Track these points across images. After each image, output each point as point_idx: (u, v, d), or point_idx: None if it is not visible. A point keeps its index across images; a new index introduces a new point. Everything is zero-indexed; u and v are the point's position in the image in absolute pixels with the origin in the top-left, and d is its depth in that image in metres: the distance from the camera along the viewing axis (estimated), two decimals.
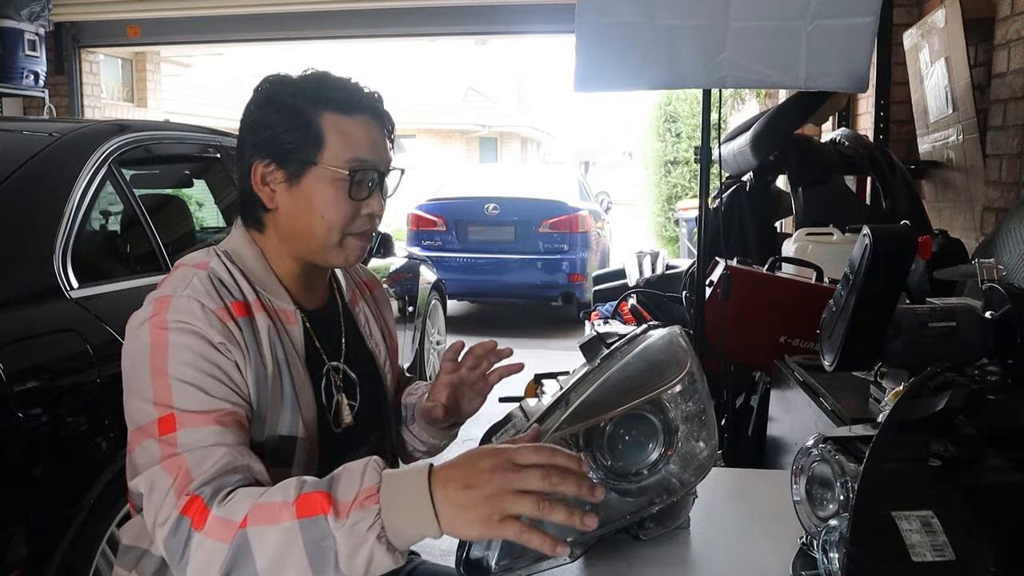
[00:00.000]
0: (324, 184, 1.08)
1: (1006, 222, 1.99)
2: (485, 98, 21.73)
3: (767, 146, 3.35)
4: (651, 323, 1.13)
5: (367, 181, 1.10)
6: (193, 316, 1.00)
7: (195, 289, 1.03)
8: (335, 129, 1.08)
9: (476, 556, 0.94)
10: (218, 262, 1.09)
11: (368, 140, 1.10)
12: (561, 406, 0.99)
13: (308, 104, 1.08)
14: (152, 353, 0.99)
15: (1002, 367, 1.16)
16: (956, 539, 0.80)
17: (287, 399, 1.06)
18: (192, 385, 0.97)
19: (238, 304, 1.05)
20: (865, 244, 1.21)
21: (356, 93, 1.11)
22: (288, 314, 1.12)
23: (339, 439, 1.15)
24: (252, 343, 1.04)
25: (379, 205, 1.12)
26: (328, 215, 1.09)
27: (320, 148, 1.08)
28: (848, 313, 1.23)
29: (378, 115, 1.13)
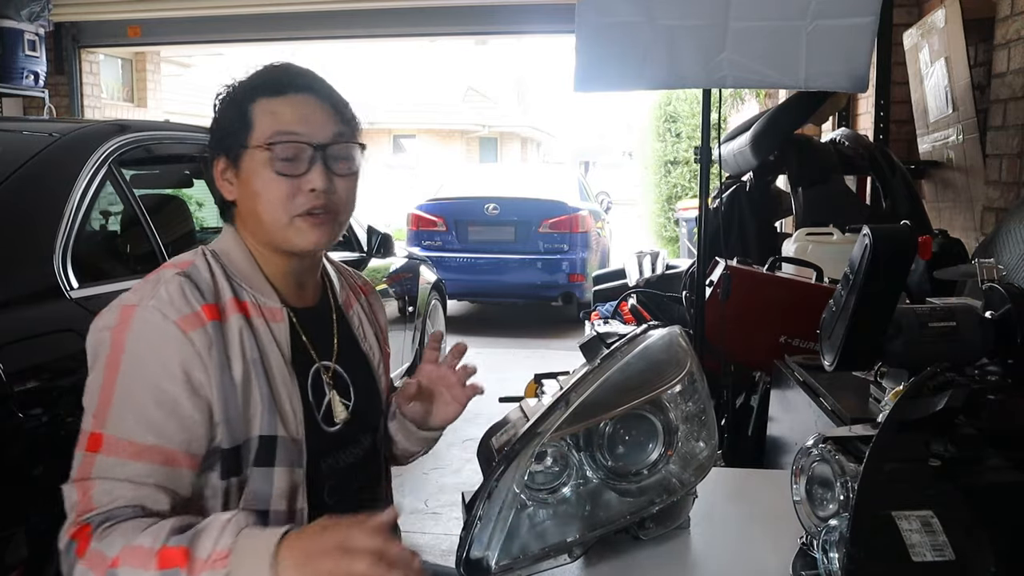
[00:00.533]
0: (257, 166, 1.09)
1: (1006, 222, 1.99)
2: (485, 98, 21.73)
3: (767, 146, 3.35)
4: (651, 323, 1.13)
5: (302, 157, 1.08)
6: (153, 335, 1.00)
7: (160, 300, 1.02)
8: (263, 111, 1.09)
9: (476, 556, 0.94)
10: (203, 261, 1.10)
11: (297, 115, 1.09)
12: (561, 406, 0.99)
13: (244, 94, 1.11)
14: (107, 364, 1.00)
15: (1002, 367, 1.16)
16: (956, 539, 0.80)
17: (262, 399, 1.06)
18: (132, 411, 0.98)
19: (209, 308, 1.05)
20: (865, 244, 1.21)
21: (285, 74, 1.12)
22: (274, 311, 1.12)
23: (332, 438, 1.15)
24: (218, 349, 1.03)
25: (321, 180, 1.08)
26: (264, 195, 1.09)
27: (250, 131, 1.09)
28: (848, 313, 1.23)
29: (311, 91, 1.12)
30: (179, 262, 1.10)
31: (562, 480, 1.01)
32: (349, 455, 1.19)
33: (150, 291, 1.04)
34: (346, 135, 1.13)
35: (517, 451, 0.96)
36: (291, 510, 1.08)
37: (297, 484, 1.09)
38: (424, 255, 5.66)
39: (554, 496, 1.01)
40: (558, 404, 0.99)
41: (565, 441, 1.00)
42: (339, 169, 1.12)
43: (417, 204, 7.47)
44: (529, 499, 0.99)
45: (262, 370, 1.07)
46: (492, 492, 0.95)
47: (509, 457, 0.96)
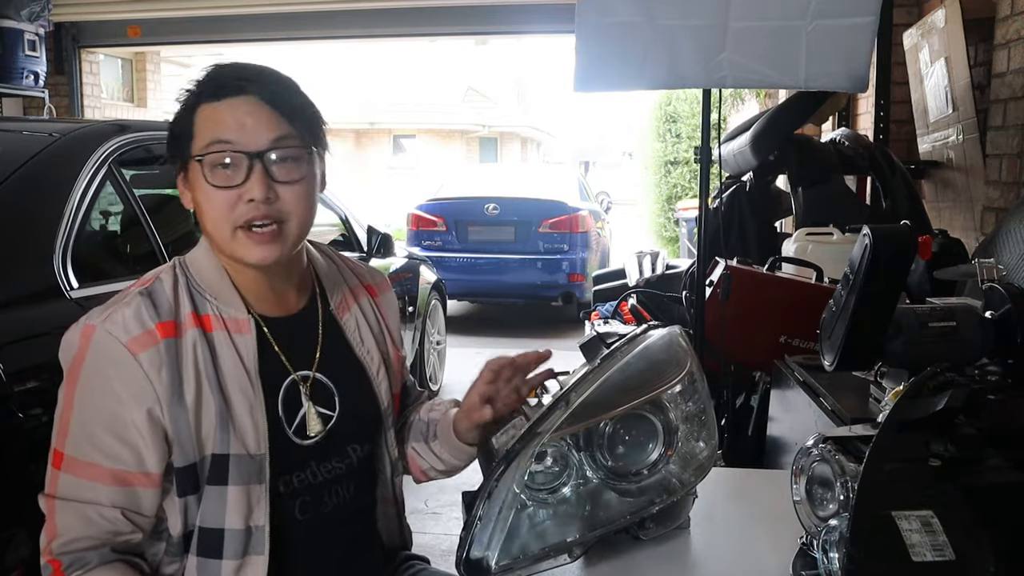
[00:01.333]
0: (197, 176, 1.04)
1: (1006, 222, 1.99)
2: (485, 98, 21.73)
3: (767, 146, 3.35)
4: (651, 323, 1.13)
5: (239, 165, 1.02)
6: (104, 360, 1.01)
7: (115, 323, 1.02)
8: (204, 117, 1.05)
9: (476, 556, 0.94)
10: (169, 275, 1.08)
11: (233, 121, 1.03)
12: (561, 406, 0.99)
13: (191, 99, 1.07)
14: (66, 384, 1.03)
15: (1002, 367, 1.16)
16: (956, 539, 0.80)
17: (215, 418, 1.03)
18: (87, 434, 1.00)
19: (164, 325, 1.03)
20: (865, 244, 1.21)
21: (225, 76, 1.06)
22: (239, 323, 1.08)
23: (307, 451, 1.11)
24: (170, 369, 1.01)
25: (260, 189, 1.02)
26: (205, 208, 1.05)
27: (192, 140, 1.05)
28: (848, 313, 1.23)
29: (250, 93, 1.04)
30: (148, 277, 1.09)
31: (562, 480, 1.01)
32: (330, 469, 1.14)
33: (109, 312, 1.03)
34: (291, 138, 1.05)
35: (517, 451, 0.96)
36: (247, 527, 1.05)
37: (254, 502, 1.05)
38: (424, 255, 5.66)
39: (554, 496, 1.01)
40: (558, 404, 0.99)
41: (565, 441, 1.00)
42: (283, 175, 1.05)
43: (417, 204, 7.47)
44: (529, 499, 0.99)
45: (217, 386, 1.04)
46: (492, 492, 0.95)
47: (509, 457, 0.96)
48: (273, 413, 1.08)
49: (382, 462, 1.23)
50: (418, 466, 1.28)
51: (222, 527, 1.04)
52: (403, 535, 1.30)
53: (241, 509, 1.04)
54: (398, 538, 1.29)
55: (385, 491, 1.24)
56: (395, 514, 1.27)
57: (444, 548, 2.81)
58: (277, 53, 11.35)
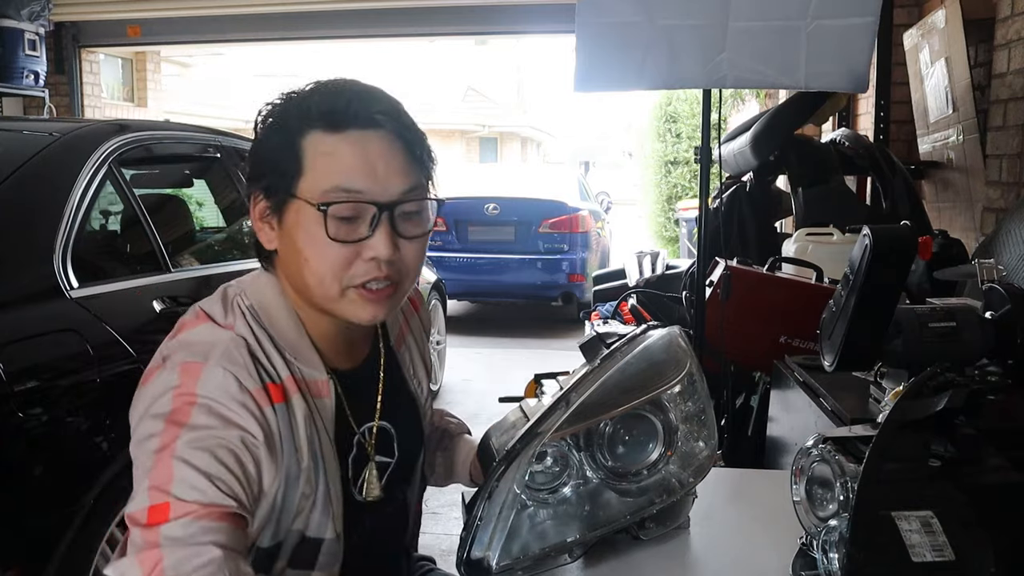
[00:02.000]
0: (306, 222, 0.88)
1: (1006, 222, 1.99)
2: (485, 98, 21.73)
3: (767, 146, 3.35)
4: (651, 323, 1.13)
5: (363, 217, 0.88)
6: (227, 396, 0.84)
7: (232, 360, 0.86)
8: (317, 151, 0.88)
9: (477, 556, 0.94)
10: (244, 324, 0.91)
11: (359, 164, 0.87)
12: (561, 406, 0.99)
13: (295, 121, 0.89)
14: (166, 425, 0.82)
15: (1002, 367, 1.16)
16: (956, 539, 0.80)
17: (320, 498, 0.91)
18: (200, 472, 0.80)
19: (275, 387, 0.88)
20: (865, 244, 1.21)
21: (348, 100, 0.88)
22: (320, 385, 0.94)
23: (368, 505, 1.01)
24: (288, 435, 0.87)
25: (386, 248, 0.87)
26: (313, 261, 0.88)
27: (299, 175, 0.88)
28: (848, 313, 1.23)
29: (381, 126, 0.89)
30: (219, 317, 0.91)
31: (562, 480, 1.01)
32: (383, 516, 1.05)
33: (215, 348, 0.87)
34: (420, 188, 0.91)
35: (517, 451, 0.96)
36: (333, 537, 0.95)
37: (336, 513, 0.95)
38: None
39: (554, 496, 1.01)
40: (558, 404, 0.99)
41: (565, 441, 1.00)
42: (409, 231, 0.90)
43: None
44: (529, 499, 0.99)
45: (322, 462, 0.91)
46: (492, 492, 0.95)
47: (509, 457, 0.96)
48: (343, 475, 0.97)
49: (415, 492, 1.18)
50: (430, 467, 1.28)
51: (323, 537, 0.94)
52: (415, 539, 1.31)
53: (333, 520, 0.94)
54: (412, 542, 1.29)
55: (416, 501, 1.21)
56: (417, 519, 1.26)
57: (444, 548, 2.81)
58: (277, 53, 11.39)
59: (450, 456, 1.24)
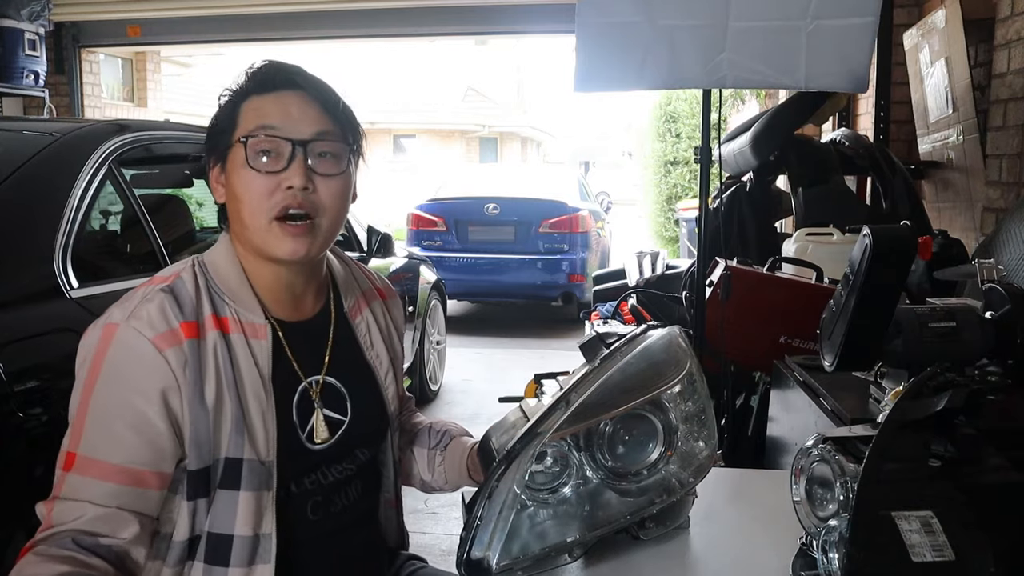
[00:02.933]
0: (237, 163, 1.06)
1: (1006, 222, 1.99)
2: (485, 98, 21.74)
3: (767, 146, 3.35)
4: (651, 323, 1.13)
5: (281, 152, 1.04)
6: (129, 355, 0.99)
7: (139, 319, 1.00)
8: (250, 108, 1.07)
9: (477, 556, 0.94)
10: (190, 274, 1.07)
11: (280, 111, 1.05)
12: (561, 406, 0.99)
13: (236, 94, 1.09)
14: (84, 384, 1.00)
15: (1002, 367, 1.16)
16: (956, 539, 0.80)
17: (231, 421, 1.02)
18: (104, 431, 0.97)
19: (188, 325, 1.02)
20: (865, 244, 1.21)
21: (274, 71, 1.09)
22: (256, 327, 1.08)
23: (319, 455, 1.11)
24: (193, 369, 1.01)
25: (300, 178, 1.03)
26: (242, 193, 1.05)
27: (235, 129, 1.07)
28: (848, 313, 1.23)
29: (299, 87, 1.08)
30: (166, 275, 1.08)
31: (562, 480, 1.01)
32: (340, 470, 1.14)
33: (132, 308, 1.02)
34: (333, 134, 1.08)
35: (517, 451, 0.96)
36: (255, 535, 1.04)
37: (263, 508, 1.05)
38: (424, 255, 5.67)
39: (554, 496, 1.01)
40: (558, 404, 0.99)
41: (565, 441, 1.00)
42: (322, 168, 1.07)
43: (417, 204, 7.47)
44: (529, 499, 0.99)
45: (235, 390, 1.04)
46: (492, 492, 0.95)
47: (509, 457, 0.96)
48: (287, 419, 1.08)
49: (386, 466, 1.25)
50: (407, 469, 1.32)
51: (231, 533, 1.03)
52: (402, 536, 1.32)
53: (250, 515, 1.03)
54: (397, 539, 1.30)
55: (388, 494, 1.26)
56: (395, 515, 1.29)
57: (444, 548, 2.81)
58: (277, 53, 11.38)
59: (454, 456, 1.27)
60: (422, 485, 1.33)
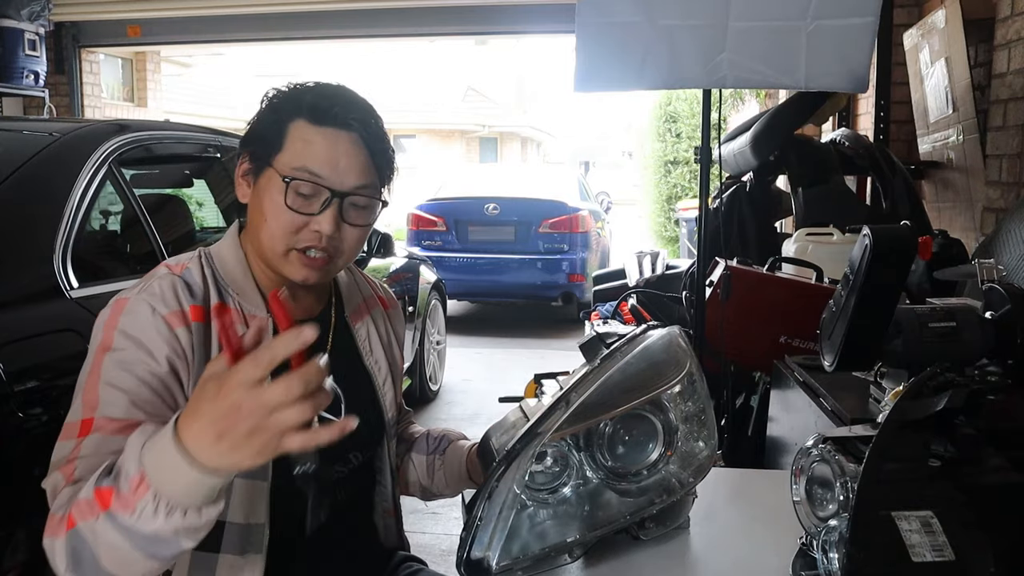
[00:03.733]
0: (272, 188, 1.06)
1: (1006, 222, 2.00)
2: (485, 98, 21.74)
3: (767, 146, 3.35)
4: (651, 323, 1.13)
5: (318, 197, 1.05)
6: (140, 321, 1.00)
7: (152, 294, 1.02)
8: (299, 136, 1.06)
9: (477, 556, 0.94)
10: (196, 264, 1.09)
11: (326, 155, 1.05)
12: (561, 406, 0.99)
13: (287, 106, 1.08)
14: (96, 354, 1.00)
15: (1002, 367, 1.16)
16: (956, 539, 0.80)
17: None
18: (121, 390, 0.96)
19: (196, 308, 1.04)
20: (865, 244, 1.21)
21: (333, 103, 1.07)
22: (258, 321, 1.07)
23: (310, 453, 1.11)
24: (200, 349, 1.02)
25: (330, 226, 1.05)
26: (269, 220, 1.06)
27: (279, 151, 1.06)
28: (848, 313, 1.23)
29: (353, 130, 1.07)
30: (176, 263, 1.10)
31: (562, 480, 1.01)
32: (331, 472, 1.14)
33: (144, 286, 1.04)
34: (372, 188, 1.09)
35: (517, 451, 0.96)
36: (247, 524, 1.04)
37: (256, 498, 1.05)
38: (424, 255, 5.67)
39: (554, 496, 1.01)
40: (558, 404, 0.99)
41: (565, 441, 1.00)
42: (352, 218, 1.09)
43: (417, 204, 7.47)
44: (529, 499, 0.99)
45: None
46: (492, 492, 0.95)
47: (509, 457, 0.96)
48: None
49: (383, 473, 1.25)
50: (406, 477, 1.32)
51: (224, 519, 1.03)
52: (401, 543, 1.32)
53: (244, 503, 1.04)
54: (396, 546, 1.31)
55: (385, 501, 1.26)
56: (394, 523, 1.29)
57: (444, 548, 2.81)
58: (277, 53, 11.39)
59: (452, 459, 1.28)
60: (422, 492, 1.33)
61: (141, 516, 0.79)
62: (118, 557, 0.82)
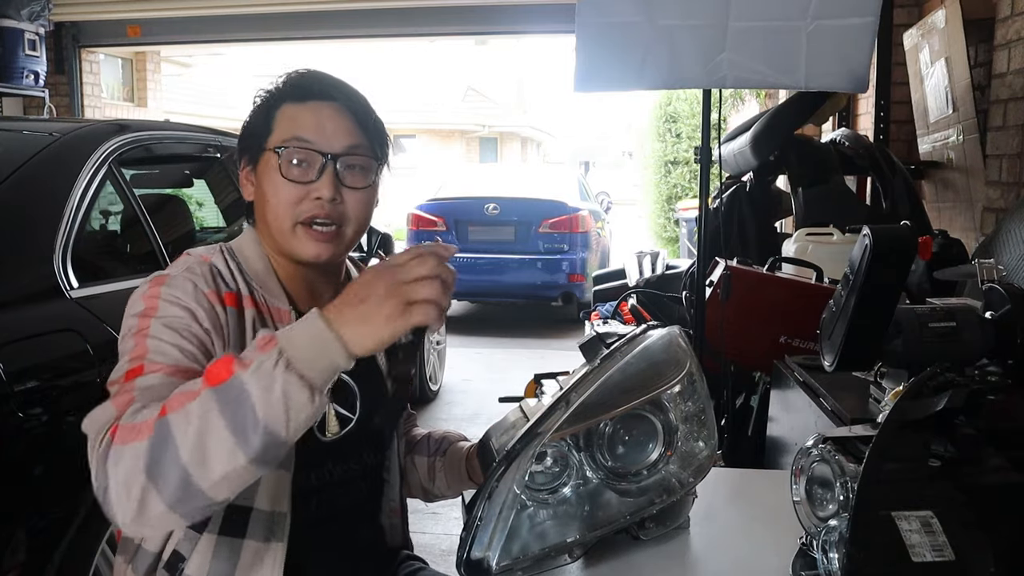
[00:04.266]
0: (269, 168, 1.09)
1: (1006, 222, 2.00)
2: (485, 98, 21.74)
3: (767, 146, 3.35)
4: (651, 323, 1.13)
5: (313, 164, 1.08)
6: (184, 292, 1.02)
7: (192, 272, 1.05)
8: (285, 116, 1.10)
9: (477, 556, 0.94)
10: (220, 257, 1.11)
11: (315, 123, 1.09)
12: (561, 406, 0.99)
13: (271, 98, 1.12)
14: (139, 319, 1.00)
15: (1002, 367, 1.16)
16: (956, 539, 0.80)
17: None
18: (169, 343, 0.98)
19: (230, 294, 1.07)
20: (865, 244, 1.21)
21: (311, 81, 1.12)
22: (282, 313, 1.11)
23: (327, 447, 1.11)
24: (236, 333, 1.05)
25: (329, 189, 1.07)
26: (271, 198, 1.09)
27: (269, 134, 1.10)
28: (848, 313, 1.23)
29: (334, 99, 1.11)
30: (200, 253, 1.11)
31: (562, 480, 1.01)
32: (345, 470, 1.15)
33: (183, 265, 1.07)
34: (364, 148, 1.11)
35: (517, 451, 0.96)
36: (272, 511, 1.05)
37: (282, 487, 1.06)
38: None
39: (554, 496, 1.01)
40: (558, 404, 0.99)
41: (565, 441, 1.00)
42: (351, 181, 1.10)
43: (417, 204, 7.48)
44: (529, 499, 0.99)
45: None
46: (492, 492, 0.95)
47: (509, 457, 0.96)
48: None
49: (391, 472, 1.26)
50: (408, 480, 1.33)
51: (251, 506, 1.04)
52: (405, 543, 1.33)
53: (270, 491, 1.05)
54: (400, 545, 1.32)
55: (392, 502, 1.27)
56: (400, 524, 1.30)
57: (444, 548, 2.81)
58: (277, 53, 11.38)
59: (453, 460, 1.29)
60: (424, 494, 1.35)
61: (259, 368, 0.80)
62: (206, 446, 0.80)
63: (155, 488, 0.80)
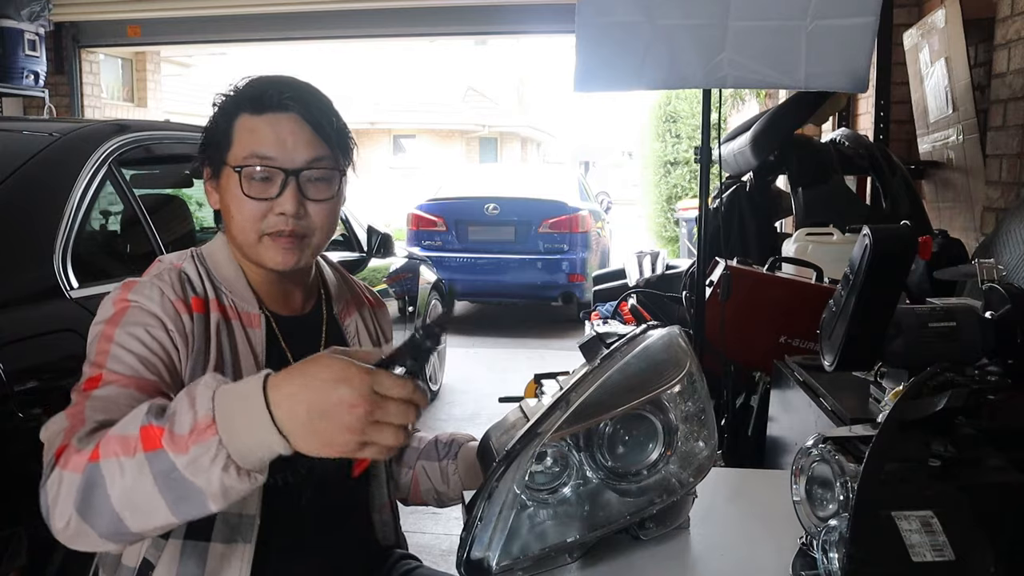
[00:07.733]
0: (231, 183, 1.09)
1: (1006, 222, 2.00)
2: (485, 98, 21.74)
3: (767, 146, 3.35)
4: (651, 323, 1.13)
5: (274, 180, 1.07)
6: (151, 300, 1.04)
7: (161, 279, 1.07)
8: (243, 128, 1.09)
9: (476, 557, 0.94)
10: (191, 263, 1.13)
11: (274, 137, 1.07)
12: (561, 406, 0.99)
13: (229, 106, 1.11)
14: (105, 325, 1.02)
15: (1002, 367, 1.16)
16: (956, 539, 0.80)
17: None
18: (129, 351, 0.99)
19: (197, 300, 1.08)
20: (865, 244, 1.21)
21: (267, 90, 1.08)
22: (251, 316, 1.13)
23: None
24: (201, 338, 1.06)
25: (292, 205, 1.07)
26: (236, 214, 1.09)
27: (229, 148, 1.09)
28: (848, 313, 1.23)
29: (293, 110, 1.08)
30: (171, 259, 1.13)
31: (562, 480, 1.01)
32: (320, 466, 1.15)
33: (152, 273, 1.09)
34: (326, 159, 1.10)
35: (517, 451, 0.96)
36: (240, 514, 1.05)
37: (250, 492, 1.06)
38: (424, 255, 5.67)
39: (554, 496, 1.01)
40: (558, 404, 0.99)
41: (565, 441, 1.00)
42: (314, 193, 1.10)
43: (417, 204, 7.48)
44: (529, 499, 0.99)
45: (232, 372, 1.08)
46: (492, 492, 0.95)
47: (509, 457, 0.96)
48: None
49: (377, 467, 1.25)
50: (419, 487, 1.32)
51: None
52: (397, 540, 1.32)
53: None
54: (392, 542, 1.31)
55: (380, 497, 1.27)
56: (391, 520, 1.29)
57: (444, 548, 2.81)
58: (277, 53, 11.39)
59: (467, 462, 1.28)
60: (438, 499, 1.32)
61: (194, 462, 0.78)
62: (136, 501, 0.80)
63: (87, 523, 0.83)
